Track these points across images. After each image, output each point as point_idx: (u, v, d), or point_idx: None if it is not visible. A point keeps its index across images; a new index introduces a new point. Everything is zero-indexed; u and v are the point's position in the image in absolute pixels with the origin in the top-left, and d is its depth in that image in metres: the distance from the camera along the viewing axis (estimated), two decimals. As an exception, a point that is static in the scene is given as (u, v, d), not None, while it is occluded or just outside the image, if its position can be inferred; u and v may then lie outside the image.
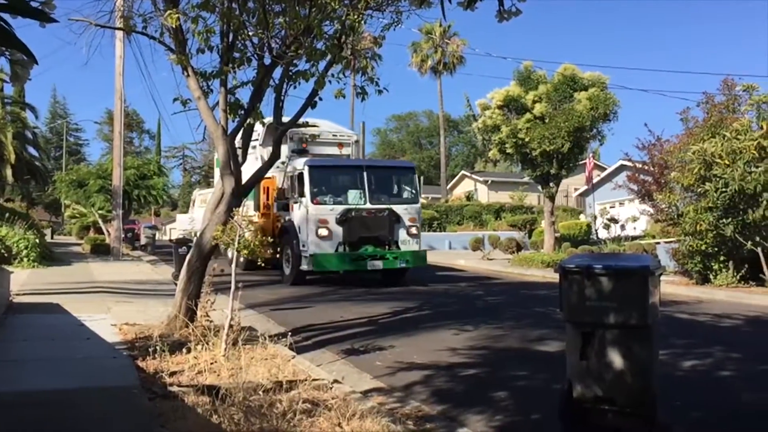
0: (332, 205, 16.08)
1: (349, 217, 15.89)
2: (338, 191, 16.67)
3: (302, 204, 16.14)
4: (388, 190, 17.15)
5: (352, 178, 16.71)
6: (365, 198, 16.28)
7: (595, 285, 5.28)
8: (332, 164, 17.79)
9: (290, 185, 17.01)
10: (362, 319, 10.92)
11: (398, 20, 8.81)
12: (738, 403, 6.37)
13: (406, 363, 7.69)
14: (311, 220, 15.83)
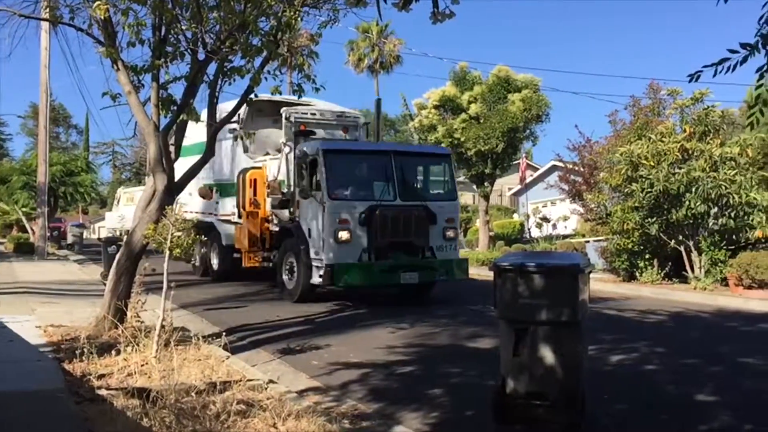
0: (355, 201, 12.36)
1: (376, 217, 12.16)
2: (361, 183, 13.18)
3: (316, 199, 12.38)
4: (421, 183, 13.94)
5: (379, 166, 13.11)
6: (395, 192, 12.60)
7: (528, 283, 5.40)
8: (355, 148, 14.20)
9: (297, 175, 13.21)
10: (299, 318, 10.85)
11: (335, 18, 8.79)
12: (661, 396, 6.62)
13: (342, 362, 7.68)
14: (329, 220, 12.05)
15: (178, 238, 7.33)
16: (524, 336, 5.39)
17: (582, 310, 5.50)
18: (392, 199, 12.51)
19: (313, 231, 12.48)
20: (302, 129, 13.88)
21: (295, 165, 13.26)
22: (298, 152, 13.20)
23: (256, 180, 14.90)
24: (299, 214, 13.04)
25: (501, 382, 5.55)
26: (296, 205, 13.11)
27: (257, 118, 15.82)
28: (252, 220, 14.78)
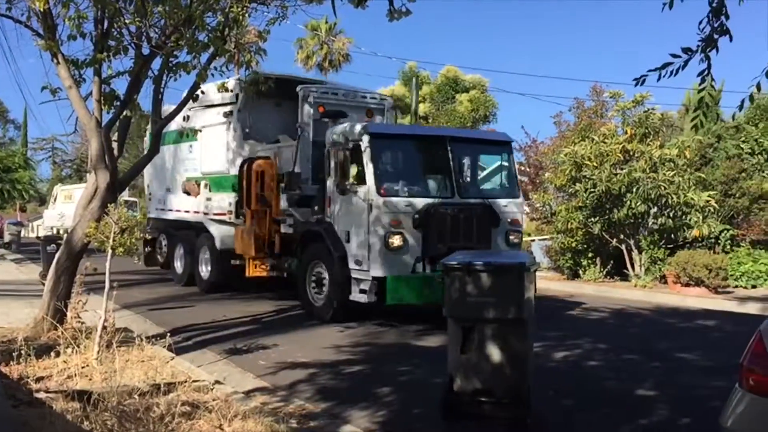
0: (407, 198, 10.03)
1: (434, 218, 9.83)
2: (413, 176, 10.85)
3: (357, 195, 10.04)
4: (481, 176, 12.03)
5: (433, 155, 10.82)
6: (453, 187, 10.34)
7: (476, 281, 5.46)
8: (407, 132, 11.87)
9: (331, 166, 10.60)
10: (245, 318, 10.72)
11: (284, 15, 8.71)
12: (604, 391, 6.78)
13: (290, 361, 7.63)
14: (377, 221, 9.74)
15: (121, 236, 7.16)
16: (472, 334, 5.45)
17: (528, 308, 5.60)
18: (450, 196, 10.19)
19: (353, 235, 10.08)
20: (321, 111, 11.55)
21: (328, 153, 10.68)
22: (332, 137, 10.61)
23: (264, 172, 12.30)
24: (332, 213, 10.54)
25: (449, 379, 5.60)
26: (326, 202, 10.69)
27: (258, 100, 13.14)
28: (259, 220, 12.33)
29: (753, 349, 3.11)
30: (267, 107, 13.65)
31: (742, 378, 3.11)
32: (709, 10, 4.30)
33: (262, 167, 12.35)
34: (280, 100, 13.51)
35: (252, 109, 13.32)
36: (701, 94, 4.79)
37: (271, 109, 13.74)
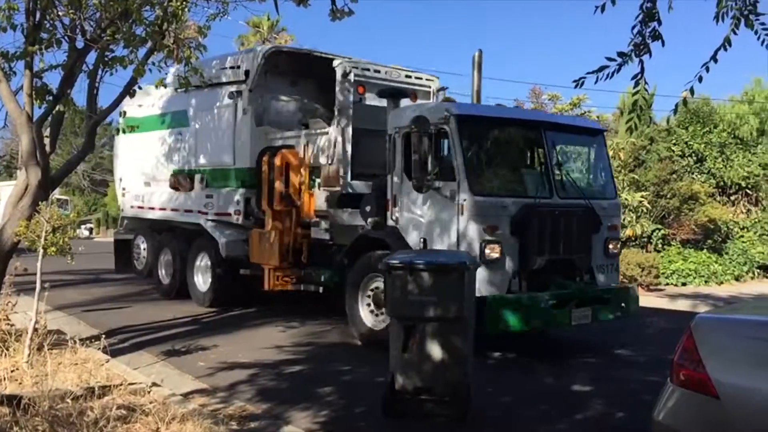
0: (503, 198, 8.14)
1: (532, 223, 7.99)
2: (505, 170, 9.00)
3: (443, 194, 8.06)
4: (579, 172, 9.66)
5: (527, 145, 9.05)
6: (550, 185, 8.49)
7: (417, 281, 5.50)
8: (500, 116, 8.99)
9: (395, 158, 8.71)
10: (185, 319, 10.52)
11: (224, 11, 8.57)
12: (542, 387, 6.92)
13: (230, 362, 7.53)
14: (470, 225, 7.81)
15: (53, 235, 6.92)
16: (413, 333, 5.49)
17: (469, 307, 5.67)
18: (547, 196, 8.39)
19: (435, 243, 8.12)
20: (361, 91, 9.99)
21: (392, 141, 8.74)
22: (400, 121, 8.61)
23: (289, 164, 10.25)
24: (398, 216, 8.59)
25: (390, 378, 5.62)
26: (390, 202, 8.72)
27: (272, 78, 11.47)
28: (283, 223, 10.36)
29: (683, 345, 3.22)
30: (281, 87, 11.82)
31: (672, 373, 3.22)
32: (641, 14, 4.44)
33: (287, 159, 10.29)
34: (296, 78, 11.86)
35: (265, 89, 11.29)
36: (635, 97, 4.94)
37: (286, 90, 11.86)
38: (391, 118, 8.90)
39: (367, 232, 9.04)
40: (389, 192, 8.80)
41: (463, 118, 8.23)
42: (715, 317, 3.53)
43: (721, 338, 3.21)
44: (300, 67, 11.48)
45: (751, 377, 2.94)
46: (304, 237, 10.39)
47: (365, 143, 9.61)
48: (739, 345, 3.09)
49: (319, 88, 11.66)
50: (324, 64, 10.68)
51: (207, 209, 11.82)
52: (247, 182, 11.00)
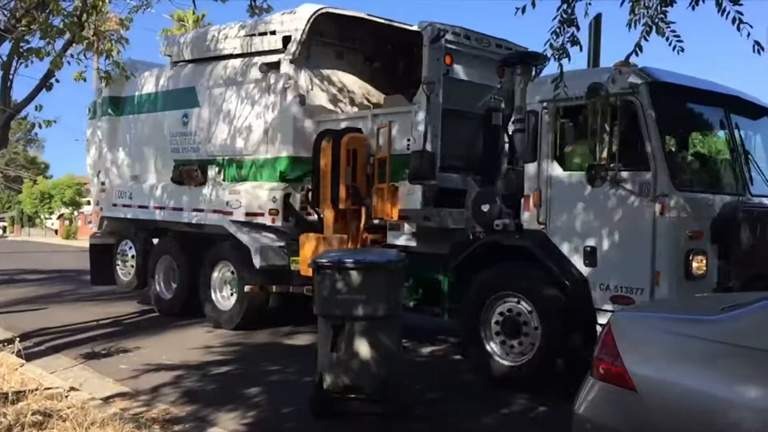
0: (708, 195, 6.51)
1: (738, 227, 6.29)
2: (703, 159, 7.47)
3: (630, 188, 6.22)
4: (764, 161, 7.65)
5: (717, 126, 7.26)
6: (743, 179, 6.79)
7: (346, 279, 5.49)
8: (699, 87, 6.80)
9: (545, 141, 6.80)
10: (106, 320, 10.18)
11: (147, 4, 8.37)
12: (470, 384, 7.03)
13: (153, 364, 7.33)
14: (671, 230, 6.07)
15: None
16: (341, 332, 5.48)
17: (397, 305, 5.70)
18: (741, 193, 6.69)
19: (611, 252, 6.33)
20: (449, 62, 7.94)
21: (535, 121, 6.83)
22: (550, 93, 5.70)
23: (356, 152, 8.34)
24: (549, 217, 6.72)
25: (318, 377, 5.60)
26: (530, 199, 6.84)
27: (316, 49, 9.43)
28: (348, 226, 8.45)
29: (603, 340, 3.33)
30: (325, 60, 9.65)
31: (593, 367, 3.32)
32: (559, 19, 4.55)
33: (355, 145, 8.32)
34: (342, 50, 9.82)
35: (307, 60, 9.26)
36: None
37: (331, 63, 9.73)
38: (531, 89, 7.00)
39: (496, 238, 7.08)
40: (529, 186, 6.84)
41: (660, 87, 6.30)
42: (632, 314, 3.66)
43: (638, 333, 3.33)
44: (347, 36, 9.72)
45: (665, 370, 3.06)
46: (375, 243, 8.33)
47: (451, 128, 7.89)
48: (655, 340, 3.22)
49: (364, 63, 10.03)
50: (375, 32, 9.45)
51: (232, 208, 9.51)
52: (288, 175, 9.00)
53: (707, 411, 2.86)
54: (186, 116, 10.33)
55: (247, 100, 9.50)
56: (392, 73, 9.86)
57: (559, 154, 6.75)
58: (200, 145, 10.13)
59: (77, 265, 20.29)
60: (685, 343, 3.08)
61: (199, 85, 10.16)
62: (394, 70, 9.86)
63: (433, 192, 7.73)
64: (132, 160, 11.33)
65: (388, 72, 9.92)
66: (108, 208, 11.65)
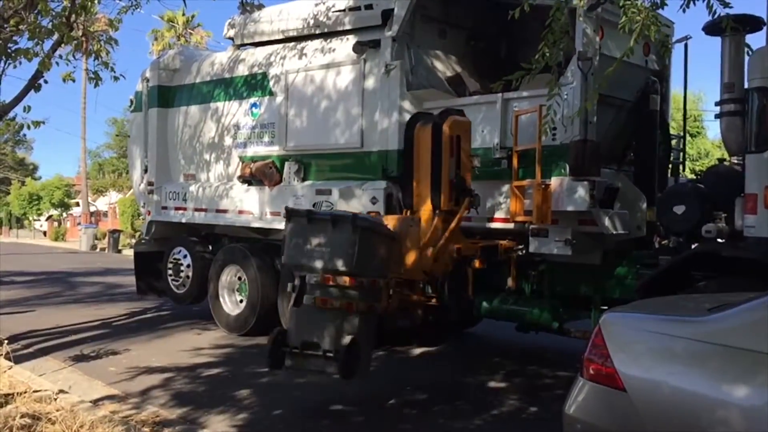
0: None
1: None
2: None
3: None
4: None
5: None
6: None
7: (313, 231, 5.61)
8: None
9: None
10: (94, 323, 10.12)
11: (137, 4, 8.34)
12: (459, 384, 7.03)
13: (143, 367, 7.30)
14: None
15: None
16: (305, 285, 5.53)
17: (363, 264, 5.60)
18: None
19: None
20: (600, 37, 6.71)
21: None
22: None
23: (459, 138, 6.93)
24: None
25: (278, 331, 5.70)
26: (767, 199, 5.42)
27: (420, 25, 8.33)
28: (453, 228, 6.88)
29: (593, 341, 3.35)
30: (429, 39, 8.51)
31: (583, 368, 3.34)
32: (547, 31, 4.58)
33: (459, 130, 6.93)
34: (445, 27, 8.70)
35: (411, 38, 7.99)
36: (549, 101, 5.12)
37: (434, 43, 8.58)
38: (758, 62, 5.66)
39: (712, 248, 5.81)
40: (757, 182, 5.48)
41: None
42: (622, 314, 3.68)
43: (627, 334, 3.35)
44: (450, 12, 8.60)
45: (654, 370, 3.09)
46: (509, 252, 7.14)
47: (601, 113, 6.78)
48: (643, 340, 3.24)
49: (467, 43, 8.94)
50: (479, 8, 8.47)
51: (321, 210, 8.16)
52: (391, 171, 7.72)
53: (695, 410, 2.89)
54: (255, 106, 9.22)
55: (337, 85, 8.32)
56: (495, 55, 8.76)
57: None
58: (275, 139, 8.93)
59: (66, 267, 20.21)
60: (672, 343, 3.11)
61: (271, 71, 9.00)
62: (497, 52, 8.83)
63: (602, 190, 6.46)
64: (186, 158, 10.21)
65: (490, 54, 8.79)
66: (157, 212, 10.45)
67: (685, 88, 7.38)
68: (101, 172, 52.29)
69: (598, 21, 6.64)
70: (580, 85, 6.47)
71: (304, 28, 8.70)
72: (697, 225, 5.82)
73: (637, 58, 6.75)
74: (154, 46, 39.11)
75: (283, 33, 8.97)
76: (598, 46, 6.69)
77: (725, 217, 5.77)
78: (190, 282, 10.07)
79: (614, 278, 6.68)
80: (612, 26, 6.57)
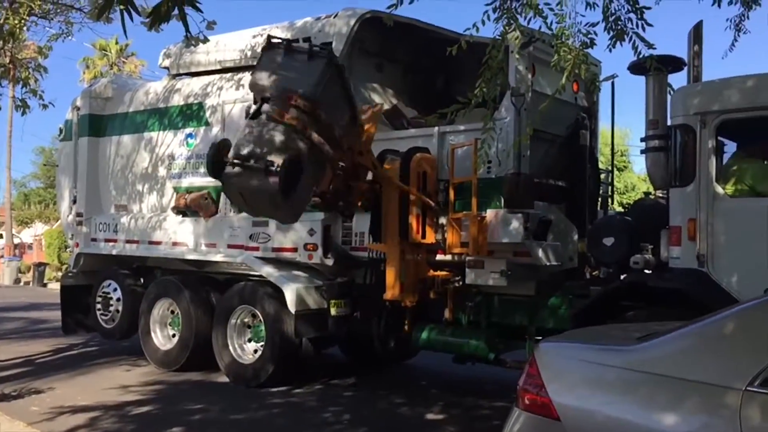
0: None
1: None
2: None
3: None
4: None
5: None
6: None
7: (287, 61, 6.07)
8: None
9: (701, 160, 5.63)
10: (17, 360, 9.66)
11: (68, 32, 8.18)
12: (397, 417, 6.98)
13: (68, 406, 7.00)
14: None
15: None
16: (266, 101, 6.06)
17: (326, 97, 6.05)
18: None
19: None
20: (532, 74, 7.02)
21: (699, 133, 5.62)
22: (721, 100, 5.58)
23: (426, 174, 7.26)
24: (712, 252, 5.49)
25: (222, 141, 6.38)
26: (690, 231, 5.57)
27: (358, 58, 8.36)
28: (417, 261, 7.27)
29: (528, 371, 3.38)
30: (366, 72, 8.60)
31: (518, 398, 3.36)
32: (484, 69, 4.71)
33: (426, 166, 7.25)
34: (382, 61, 8.74)
35: (349, 71, 7.58)
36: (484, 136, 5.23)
37: (372, 76, 8.66)
38: (680, 100, 5.89)
39: (641, 278, 5.94)
40: (681, 214, 5.67)
41: None
42: (556, 344, 3.74)
43: (561, 363, 3.40)
44: (388, 46, 8.53)
45: (587, 399, 3.14)
46: (446, 284, 7.28)
47: (533, 148, 6.97)
48: (577, 369, 3.29)
49: (404, 76, 9.07)
50: (417, 42, 8.49)
51: (257, 242, 8.34)
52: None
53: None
54: (191, 136, 9.18)
55: None
56: (432, 88, 8.97)
57: (725, 176, 5.71)
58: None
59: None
60: (604, 372, 3.17)
61: (208, 101, 9.03)
62: (433, 85, 9.03)
63: (535, 222, 6.66)
64: (117, 188, 10.07)
65: (427, 87, 9.02)
66: (86, 243, 10.23)
67: (613, 124, 7.73)
68: (27, 203, 50.48)
69: (530, 59, 6.92)
70: (514, 119, 6.72)
71: (242, 59, 8.72)
72: (625, 256, 5.96)
73: (567, 95, 6.97)
74: (86, 75, 38.31)
75: (220, 63, 9.03)
76: (530, 82, 6.95)
77: (652, 249, 5.93)
78: (120, 316, 9.78)
79: (548, 308, 6.82)
80: (543, 64, 6.86)
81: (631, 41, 4.49)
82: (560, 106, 6.93)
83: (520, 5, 4.50)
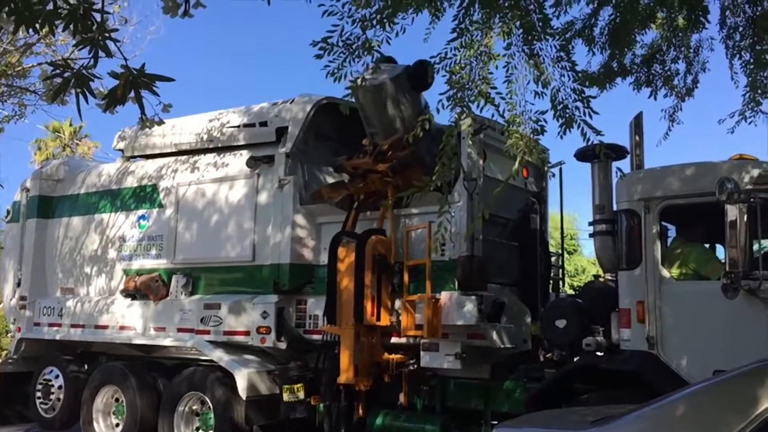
0: None
1: None
2: None
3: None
4: None
5: None
6: None
7: None
8: None
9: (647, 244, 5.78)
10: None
11: (21, 113, 8.15)
12: None
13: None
14: None
15: None
16: None
17: None
18: None
19: None
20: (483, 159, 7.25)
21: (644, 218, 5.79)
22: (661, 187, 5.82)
23: (383, 257, 7.21)
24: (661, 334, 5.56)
25: None
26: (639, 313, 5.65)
27: (314, 143, 8.42)
28: (372, 344, 7.14)
29: None
30: (322, 155, 8.49)
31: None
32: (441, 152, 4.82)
33: (382, 249, 7.20)
34: (338, 147, 8.51)
35: (304, 155, 8.13)
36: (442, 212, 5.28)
37: (328, 159, 8.38)
38: (625, 186, 5.98)
39: (593, 361, 5.88)
40: (629, 297, 5.74)
41: None
42: (511, 428, 3.71)
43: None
44: (344, 129, 8.36)
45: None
46: (401, 367, 7.10)
47: (484, 231, 6.90)
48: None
49: None
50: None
51: (208, 325, 8.11)
52: (283, 285, 7.74)
53: None
54: (143, 218, 9.11)
55: (229, 198, 8.35)
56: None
57: (669, 259, 5.83)
58: (162, 252, 8.79)
59: None
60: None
61: (162, 183, 9.00)
62: None
63: (489, 304, 6.65)
64: (65, 270, 9.84)
65: None
66: (28, 328, 9.85)
67: (561, 208, 7.98)
68: (-33, 286, 48.49)
69: (481, 145, 7.11)
70: (466, 203, 6.80)
71: (198, 142, 8.83)
72: (578, 338, 5.96)
73: (518, 180, 7.17)
74: (37, 156, 37.98)
75: (176, 146, 9.15)
76: (482, 168, 7.13)
77: (603, 331, 5.94)
78: (61, 405, 9.32)
79: (503, 392, 6.74)
80: (494, 150, 7.08)
81: (579, 128, 4.68)
82: (511, 191, 7.01)
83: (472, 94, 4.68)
